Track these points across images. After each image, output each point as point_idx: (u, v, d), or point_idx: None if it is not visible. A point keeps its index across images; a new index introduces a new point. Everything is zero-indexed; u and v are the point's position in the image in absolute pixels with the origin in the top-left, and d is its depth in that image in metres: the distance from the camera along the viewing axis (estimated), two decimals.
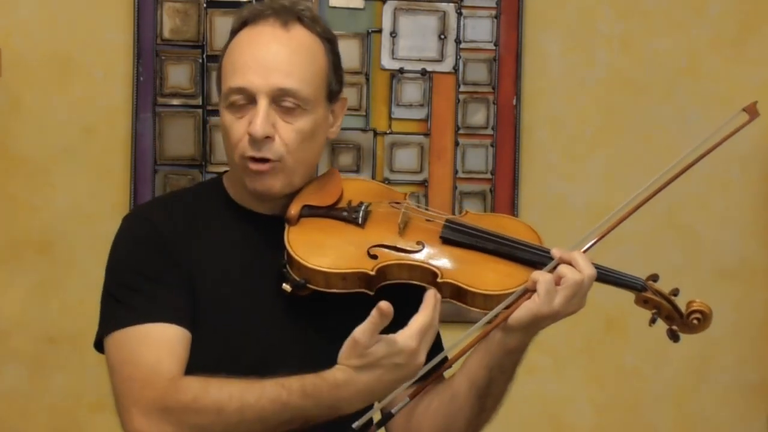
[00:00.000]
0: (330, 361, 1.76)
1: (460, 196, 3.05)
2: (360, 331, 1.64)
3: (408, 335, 1.66)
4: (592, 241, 1.86)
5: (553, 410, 3.12)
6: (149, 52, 2.96)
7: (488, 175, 3.06)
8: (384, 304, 1.63)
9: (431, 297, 1.70)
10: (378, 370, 1.66)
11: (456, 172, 3.05)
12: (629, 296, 1.92)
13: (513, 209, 3.05)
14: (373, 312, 1.63)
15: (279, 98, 1.81)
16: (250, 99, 1.81)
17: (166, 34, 2.97)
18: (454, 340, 1.80)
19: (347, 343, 1.66)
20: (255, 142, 1.80)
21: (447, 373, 1.89)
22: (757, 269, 3.14)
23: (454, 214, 3.01)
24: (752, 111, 1.95)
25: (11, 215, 2.95)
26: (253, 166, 1.82)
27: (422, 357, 1.67)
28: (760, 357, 3.15)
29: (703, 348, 3.10)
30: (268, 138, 1.81)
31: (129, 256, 1.85)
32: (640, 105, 3.10)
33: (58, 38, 2.95)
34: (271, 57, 1.83)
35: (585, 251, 1.83)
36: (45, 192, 2.95)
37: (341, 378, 1.67)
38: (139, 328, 1.77)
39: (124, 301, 1.80)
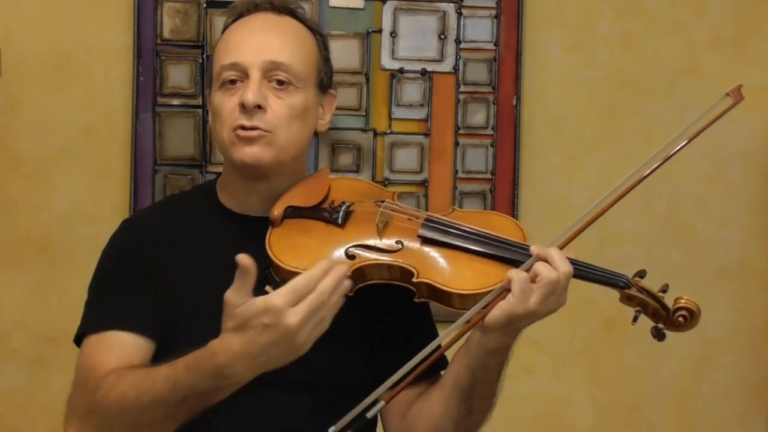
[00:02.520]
0: (313, 362, 1.75)
1: (460, 196, 3.05)
2: (229, 291, 1.59)
3: (275, 293, 1.58)
4: (571, 235, 1.81)
5: (553, 410, 3.11)
6: (149, 52, 2.96)
7: (488, 175, 3.06)
8: (241, 257, 1.57)
9: (322, 262, 1.61)
10: (249, 331, 1.57)
11: (456, 172, 3.05)
12: None
13: (513, 209, 3.04)
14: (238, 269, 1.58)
15: (271, 72, 1.84)
16: (243, 75, 1.84)
17: (166, 34, 2.97)
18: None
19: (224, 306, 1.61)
20: (247, 111, 1.81)
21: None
22: (757, 269, 3.14)
23: None
24: (736, 95, 1.92)
25: (11, 215, 2.94)
26: (243, 132, 1.82)
27: (292, 319, 1.57)
28: (760, 357, 3.15)
29: (703, 348, 3.10)
30: (260, 108, 1.82)
31: (106, 263, 1.89)
32: (640, 105, 3.10)
33: (58, 38, 2.95)
34: (263, 37, 1.87)
35: (562, 247, 1.79)
36: (45, 192, 2.95)
37: (217, 344, 1.61)
38: (98, 336, 1.81)
39: (94, 306, 1.84)
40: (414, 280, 1.78)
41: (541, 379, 3.07)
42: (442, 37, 3.04)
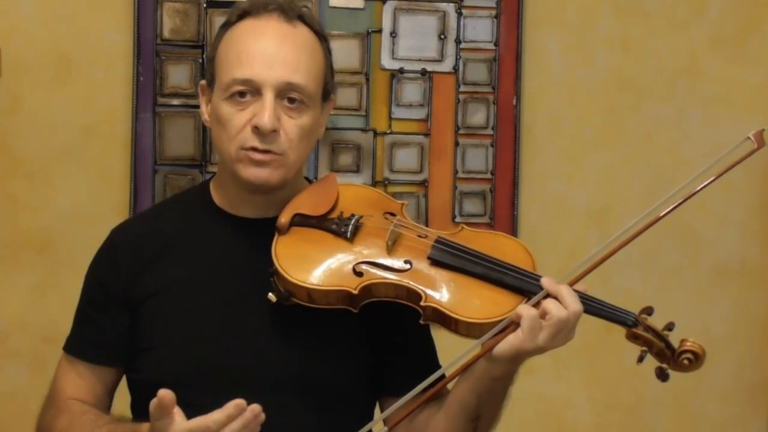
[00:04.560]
0: (311, 369, 1.80)
1: (460, 196, 3.05)
2: (152, 403, 1.65)
3: (179, 427, 1.64)
4: (581, 273, 1.78)
5: (553, 410, 3.12)
6: (149, 52, 2.96)
7: (488, 175, 3.06)
8: (163, 393, 1.63)
9: (230, 405, 1.65)
10: None
11: (456, 172, 3.05)
12: (629, 295, 1.91)
13: (513, 209, 3.05)
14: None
15: (284, 92, 1.81)
16: (255, 91, 1.80)
17: (166, 34, 2.97)
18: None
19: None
20: (261, 134, 1.79)
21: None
22: (756, 269, 3.14)
23: (454, 215, 3.05)
24: (759, 139, 1.91)
25: (11, 215, 2.95)
26: (256, 155, 1.80)
27: None
28: (760, 357, 3.15)
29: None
30: (274, 131, 1.80)
31: (86, 284, 1.95)
32: (640, 105, 3.10)
33: (58, 38, 2.95)
34: (278, 50, 1.82)
35: (572, 284, 1.77)
36: (45, 192, 2.95)
37: None
38: (69, 359, 1.95)
39: (73, 326, 1.96)
40: (422, 303, 1.76)
41: (541, 379, 3.07)
42: (442, 37, 3.04)
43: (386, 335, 1.89)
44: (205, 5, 2.97)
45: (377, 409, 1.95)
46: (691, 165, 3.06)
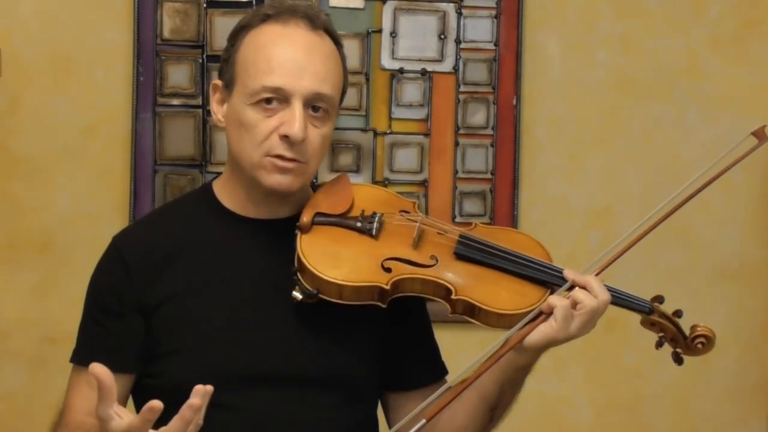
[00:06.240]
0: (330, 362, 1.81)
1: (460, 196, 3.05)
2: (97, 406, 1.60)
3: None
4: (605, 265, 1.86)
5: (553, 410, 3.11)
6: (149, 52, 2.96)
7: (488, 175, 3.06)
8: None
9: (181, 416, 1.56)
10: None
11: (456, 172, 3.05)
12: None
13: (513, 209, 3.05)
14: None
15: (312, 102, 1.81)
16: (283, 99, 1.80)
17: (166, 34, 2.97)
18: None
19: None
20: (290, 143, 1.79)
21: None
22: (757, 269, 3.14)
23: (454, 215, 3.05)
24: (761, 135, 1.97)
25: (11, 215, 2.95)
26: (282, 163, 1.80)
27: None
28: (760, 357, 3.15)
29: None
30: (302, 140, 1.81)
31: (89, 294, 1.91)
32: (640, 105, 3.10)
33: (58, 38, 2.95)
34: (307, 60, 1.82)
35: (597, 275, 1.83)
36: (45, 192, 2.95)
37: None
38: (77, 369, 1.89)
39: (79, 337, 1.91)
40: (452, 297, 1.79)
41: (541, 379, 3.06)
42: (442, 37, 3.04)
43: (398, 332, 1.91)
44: (205, 5, 2.97)
45: (395, 404, 1.96)
46: (691, 165, 3.06)
